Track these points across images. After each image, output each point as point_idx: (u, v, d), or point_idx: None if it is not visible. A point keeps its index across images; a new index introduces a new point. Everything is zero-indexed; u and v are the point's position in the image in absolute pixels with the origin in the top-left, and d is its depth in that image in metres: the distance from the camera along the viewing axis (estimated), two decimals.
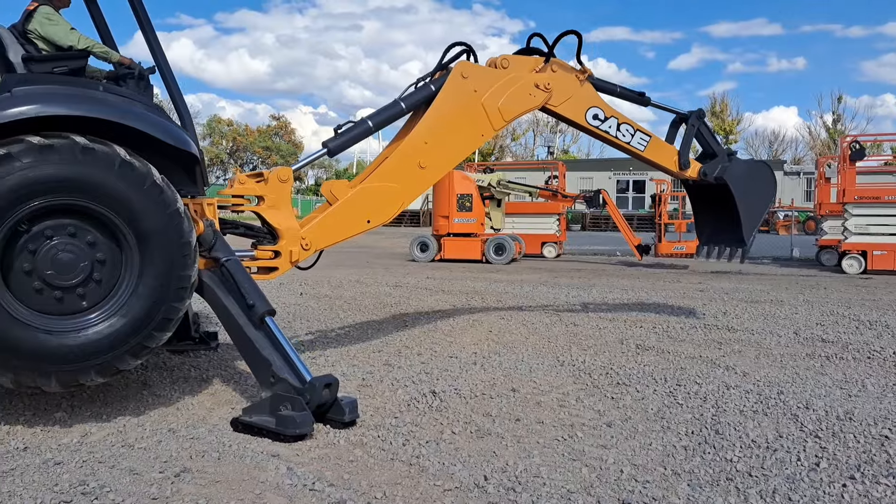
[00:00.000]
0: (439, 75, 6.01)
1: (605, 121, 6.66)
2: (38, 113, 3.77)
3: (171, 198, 4.09)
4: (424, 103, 5.86)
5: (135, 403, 4.66)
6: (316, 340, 6.95)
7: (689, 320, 8.24)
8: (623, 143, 6.83)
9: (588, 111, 6.57)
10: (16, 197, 3.72)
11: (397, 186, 5.66)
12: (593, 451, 3.86)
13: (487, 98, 5.98)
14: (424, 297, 10.42)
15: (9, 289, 3.83)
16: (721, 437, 4.04)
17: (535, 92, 6.23)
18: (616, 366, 5.85)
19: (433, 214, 17.81)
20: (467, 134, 5.98)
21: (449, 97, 5.85)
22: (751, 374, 5.57)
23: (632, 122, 6.87)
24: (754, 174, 7.39)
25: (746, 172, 7.34)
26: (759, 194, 7.37)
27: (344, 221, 5.53)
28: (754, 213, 7.34)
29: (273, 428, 3.97)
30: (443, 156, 5.87)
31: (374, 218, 5.61)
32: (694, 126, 7.24)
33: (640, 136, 6.91)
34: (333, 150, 5.60)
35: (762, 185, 7.39)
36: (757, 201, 7.35)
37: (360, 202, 5.56)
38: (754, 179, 7.33)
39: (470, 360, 6.07)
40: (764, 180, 7.44)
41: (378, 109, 5.85)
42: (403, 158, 5.71)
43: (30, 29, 4.42)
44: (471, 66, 6.01)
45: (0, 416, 4.29)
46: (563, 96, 6.41)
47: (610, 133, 6.72)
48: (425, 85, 5.90)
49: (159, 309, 4.08)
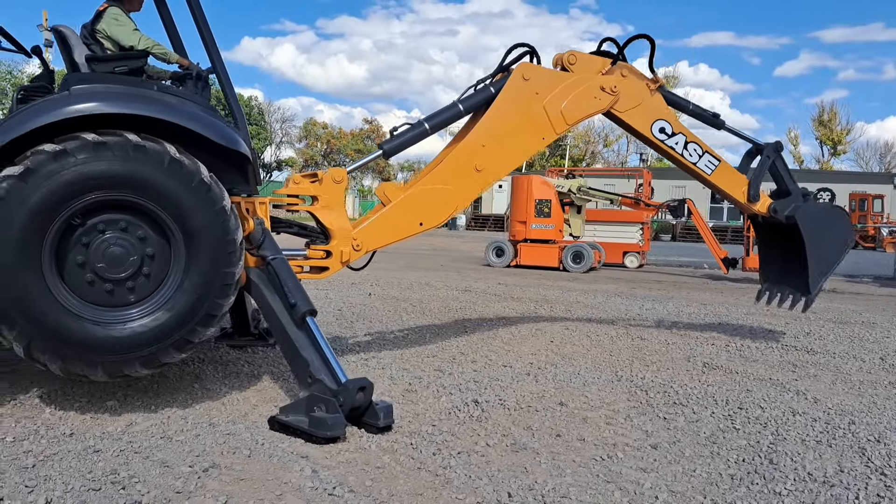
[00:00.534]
0: (500, 77, 5.89)
1: (672, 136, 6.37)
2: (92, 111, 3.91)
3: (219, 195, 4.16)
4: (483, 105, 5.76)
5: (184, 396, 4.76)
6: (373, 342, 6.96)
7: (767, 339, 7.79)
8: (689, 163, 6.50)
9: (655, 123, 6.30)
10: (70, 191, 3.86)
11: (452, 189, 5.59)
12: (631, 473, 3.66)
13: (549, 101, 5.83)
14: (492, 303, 10.30)
15: (63, 280, 3.98)
16: (774, 468, 3.75)
17: (600, 95, 6.02)
18: (677, 384, 5.57)
19: (510, 219, 17.64)
20: (527, 137, 5.85)
21: (509, 99, 5.73)
22: (822, 400, 5.18)
23: (701, 141, 6.53)
24: (829, 219, 6.84)
25: (821, 216, 6.81)
26: (833, 241, 6.79)
27: (396, 223, 5.50)
28: (825, 260, 6.77)
29: (306, 429, 3.97)
30: (500, 159, 5.75)
31: (426, 220, 5.55)
32: (769, 158, 6.80)
33: (709, 158, 6.56)
34: (389, 151, 5.59)
35: (837, 232, 6.82)
36: (829, 248, 6.77)
37: (414, 204, 5.52)
38: (829, 225, 6.77)
39: (524, 370, 5.92)
40: (840, 227, 6.86)
41: (436, 111, 5.78)
42: (459, 161, 5.64)
43: (98, 29, 4.60)
44: (533, 68, 5.87)
45: (57, 401, 4.47)
46: (630, 103, 6.17)
47: (676, 150, 6.41)
48: (485, 87, 5.81)
49: (203, 304, 4.15)
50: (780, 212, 6.76)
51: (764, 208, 6.80)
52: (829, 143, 71.33)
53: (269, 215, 5.05)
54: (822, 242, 6.70)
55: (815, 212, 6.82)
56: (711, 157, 6.57)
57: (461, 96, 5.81)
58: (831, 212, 7.01)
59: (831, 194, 49.66)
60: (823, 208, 7.03)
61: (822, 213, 6.87)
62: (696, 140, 6.50)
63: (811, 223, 6.67)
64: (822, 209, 6.96)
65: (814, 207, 6.84)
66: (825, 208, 7.05)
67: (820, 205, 7.02)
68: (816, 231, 6.68)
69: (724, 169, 6.66)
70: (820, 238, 6.69)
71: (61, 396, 4.57)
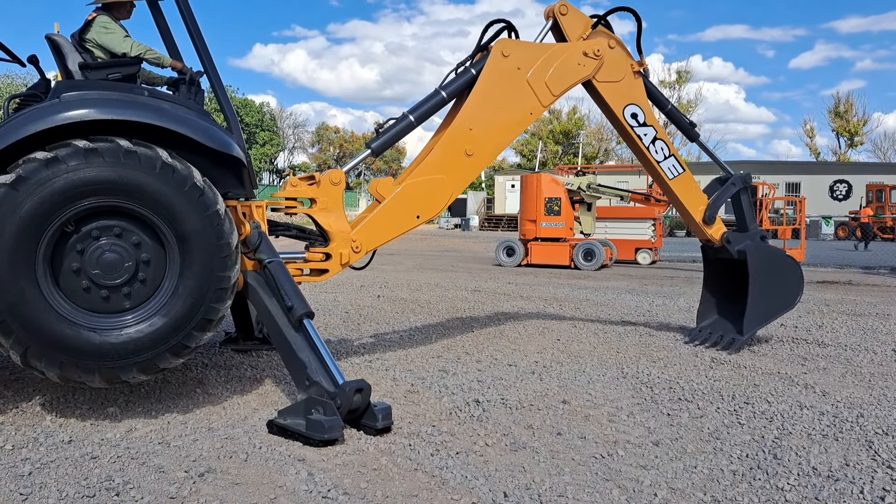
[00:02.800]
0: (479, 57, 5.78)
1: (643, 126, 6.24)
2: (83, 118, 3.91)
3: (212, 199, 4.15)
4: (466, 89, 5.65)
5: (185, 401, 4.76)
6: (378, 343, 6.93)
7: (777, 333, 7.68)
8: (652, 160, 6.36)
9: (629, 106, 6.17)
10: (63, 198, 3.86)
11: (445, 178, 5.52)
12: (631, 471, 3.60)
13: (533, 74, 5.72)
14: (501, 302, 10.24)
15: (58, 287, 3.99)
16: (778, 463, 3.68)
17: (583, 61, 5.91)
18: (683, 380, 5.50)
19: (520, 218, 17.56)
20: (514, 114, 5.74)
21: (491, 78, 5.62)
22: (831, 393, 5.10)
23: (671, 144, 6.39)
24: (783, 269, 6.62)
25: (775, 262, 6.62)
26: (780, 293, 6.57)
27: (393, 219, 5.44)
28: (766, 307, 6.55)
29: (303, 432, 3.94)
30: (490, 141, 5.65)
31: (423, 213, 5.49)
32: (734, 186, 6.64)
33: (674, 162, 6.41)
34: (376, 149, 5.55)
35: (787, 286, 6.59)
36: (774, 297, 6.55)
37: (408, 198, 5.45)
38: (781, 275, 6.56)
39: (528, 369, 5.87)
40: (791, 281, 6.62)
41: (419, 102, 5.69)
42: (448, 148, 5.55)
43: (87, 38, 4.62)
44: (511, 43, 5.75)
45: (58, 408, 4.48)
46: (611, 75, 6.04)
47: (643, 142, 6.28)
48: (465, 69, 5.70)
49: (199, 309, 4.14)
50: (734, 244, 6.57)
51: (717, 235, 6.62)
52: (845, 134, 70.57)
53: (267, 218, 5.04)
54: (768, 288, 6.48)
55: (770, 255, 6.62)
56: (677, 162, 6.42)
57: (442, 82, 5.71)
58: (786, 261, 6.78)
59: (846, 186, 49.13)
60: (779, 254, 6.83)
61: (776, 259, 6.67)
62: (667, 140, 6.36)
63: (762, 264, 6.48)
64: (777, 254, 6.77)
65: (769, 249, 6.64)
66: (781, 255, 6.85)
67: (777, 250, 6.82)
68: (766, 274, 6.47)
69: (686, 179, 6.51)
70: (767, 283, 6.47)
71: (63, 404, 4.58)
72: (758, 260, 6.48)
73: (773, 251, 6.75)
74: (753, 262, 6.44)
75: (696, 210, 6.56)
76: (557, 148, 74.70)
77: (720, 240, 6.63)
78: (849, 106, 70.17)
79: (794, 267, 6.76)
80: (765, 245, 6.63)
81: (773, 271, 6.55)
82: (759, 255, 6.51)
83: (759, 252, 6.53)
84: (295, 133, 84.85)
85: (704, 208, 6.54)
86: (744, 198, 6.71)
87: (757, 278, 6.43)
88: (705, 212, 6.53)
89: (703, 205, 6.56)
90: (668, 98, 6.54)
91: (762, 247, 6.60)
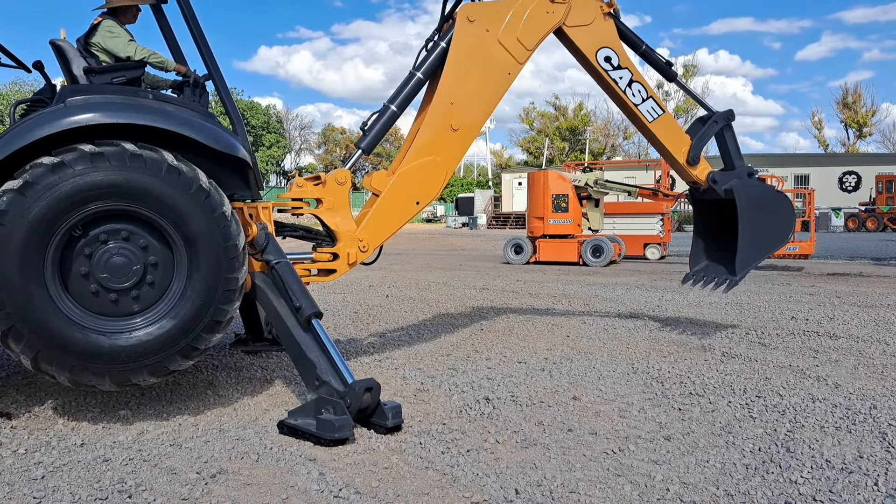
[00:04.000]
0: (446, 27, 5.69)
1: (618, 69, 6.07)
2: (88, 122, 3.93)
3: (218, 201, 4.15)
4: (440, 64, 5.57)
5: (196, 402, 4.77)
6: (387, 343, 6.93)
7: (788, 326, 7.64)
8: (630, 103, 6.15)
9: (601, 50, 6.02)
10: (70, 203, 3.87)
11: (437, 158, 5.46)
12: (642, 466, 3.58)
13: (503, 33, 5.63)
14: (510, 300, 10.23)
15: (67, 291, 4.00)
16: (791, 456, 3.66)
17: (551, 7, 5.78)
18: (694, 374, 5.47)
19: (527, 216, 17.54)
20: (493, 78, 5.65)
21: (461, 47, 5.54)
22: (844, 385, 5.06)
23: (648, 85, 6.19)
24: (772, 203, 6.42)
25: (764, 197, 6.42)
26: (772, 227, 6.38)
27: (394, 211, 5.41)
28: (758, 244, 6.35)
29: (314, 431, 3.94)
30: (474, 111, 5.58)
31: (422, 198, 5.45)
32: (717, 124, 6.43)
33: (653, 104, 6.21)
34: (367, 147, 5.53)
35: (778, 219, 6.41)
36: (766, 233, 6.34)
37: (404, 186, 5.41)
38: (771, 209, 6.35)
39: (538, 365, 5.86)
40: (782, 214, 6.44)
41: (396, 89, 5.64)
42: (433, 127, 5.48)
43: (92, 42, 4.63)
44: (475, 7, 5.65)
45: (70, 412, 4.50)
46: (580, 18, 5.91)
47: (619, 85, 6.08)
48: (435, 44, 5.62)
49: (207, 311, 4.15)
50: (720, 183, 6.39)
51: (703, 175, 6.45)
52: (854, 125, 70.22)
53: (274, 220, 5.05)
54: (759, 224, 6.29)
55: (758, 191, 6.43)
56: (656, 104, 6.24)
57: (415, 63, 5.65)
58: (776, 196, 6.60)
59: (856, 178, 48.85)
60: (768, 189, 6.64)
61: (765, 195, 6.48)
62: (643, 82, 6.17)
63: (751, 201, 6.28)
64: (766, 190, 6.58)
65: (757, 185, 6.45)
66: (770, 190, 6.64)
67: (765, 185, 6.60)
68: (755, 211, 6.27)
69: (667, 120, 6.32)
70: (757, 220, 6.28)
71: (75, 407, 4.59)
72: (746, 197, 6.27)
73: (761, 186, 6.54)
74: (741, 200, 6.25)
75: (680, 151, 6.39)
76: (564, 144, 74.59)
77: (706, 180, 6.46)
78: (857, 97, 69.87)
79: (784, 201, 6.58)
80: (753, 181, 6.42)
81: (763, 207, 6.36)
82: (747, 192, 6.31)
83: (747, 189, 6.33)
84: (301, 134, 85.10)
85: (688, 149, 6.37)
86: (728, 135, 6.50)
87: (746, 216, 6.24)
88: (688, 152, 6.37)
89: (686, 145, 6.38)
90: (641, 38, 6.33)
91: (750, 183, 6.38)
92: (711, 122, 6.45)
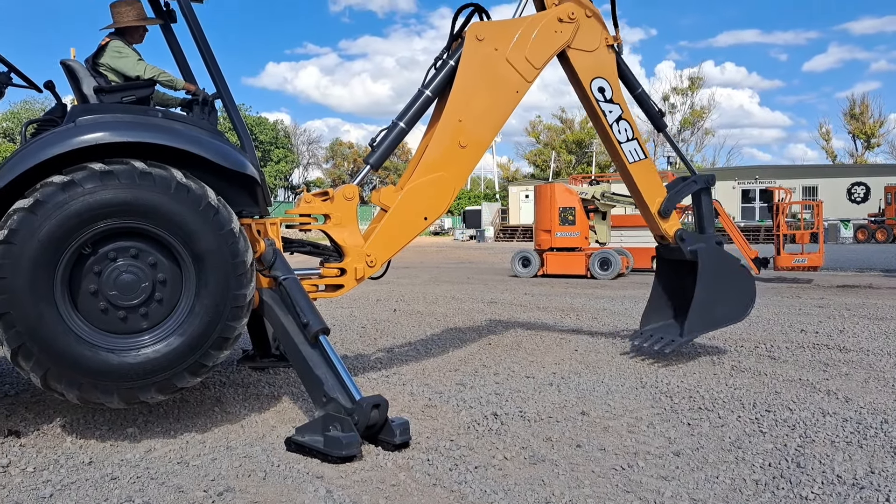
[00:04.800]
0: (455, 46, 5.74)
1: (609, 103, 6.08)
2: (98, 141, 3.96)
3: (227, 218, 4.17)
4: (449, 82, 5.62)
5: (203, 420, 4.77)
6: (395, 358, 6.92)
7: (798, 339, 7.60)
8: (614, 140, 6.15)
9: (597, 79, 6.04)
10: (80, 221, 3.90)
11: (445, 174, 5.50)
12: (651, 482, 3.56)
13: (511, 52, 5.67)
14: (517, 314, 10.21)
15: (76, 309, 4.02)
16: (801, 471, 3.63)
17: (559, 27, 5.82)
18: (703, 389, 5.45)
19: (535, 229, 17.52)
20: (501, 96, 5.69)
21: (470, 66, 5.58)
22: (854, 399, 5.02)
23: (636, 127, 6.20)
24: (735, 276, 6.29)
25: (727, 268, 6.29)
26: (727, 299, 6.21)
27: (402, 227, 5.44)
28: (711, 313, 6.18)
29: (321, 448, 3.94)
30: (482, 128, 5.62)
31: (430, 213, 5.48)
32: (696, 184, 6.40)
33: (637, 146, 6.21)
34: (375, 163, 5.57)
35: (736, 293, 6.26)
36: (722, 303, 6.19)
37: (413, 202, 5.44)
38: (732, 281, 6.24)
39: (546, 380, 5.84)
40: (742, 289, 6.30)
41: (405, 106, 5.68)
42: (442, 144, 5.52)
43: (101, 62, 4.68)
44: (484, 26, 5.71)
45: (78, 429, 4.51)
46: (584, 43, 5.94)
47: (606, 119, 6.10)
48: (444, 62, 5.67)
49: (215, 328, 4.16)
50: (687, 242, 6.28)
51: (671, 231, 6.40)
52: (861, 136, 70.06)
53: (282, 235, 5.06)
54: (717, 292, 6.16)
55: (724, 261, 6.31)
56: (640, 147, 6.22)
57: (424, 81, 5.70)
58: (740, 270, 6.41)
59: (864, 189, 48.64)
60: (733, 262, 6.43)
61: (730, 266, 6.34)
62: (632, 122, 6.16)
63: (714, 268, 6.17)
64: (732, 262, 6.40)
65: (724, 255, 6.32)
66: (735, 263, 6.44)
67: (731, 257, 6.42)
68: (716, 278, 6.17)
69: (647, 166, 6.31)
70: (717, 287, 6.16)
71: (83, 425, 4.60)
72: (709, 262, 6.17)
73: (727, 257, 6.40)
74: (704, 264, 6.15)
75: (653, 201, 6.35)
76: (571, 157, 74.67)
77: (674, 237, 6.40)
78: (864, 108, 69.80)
79: (747, 278, 6.45)
80: (720, 250, 6.33)
81: (724, 277, 6.25)
82: (712, 259, 6.22)
83: (713, 255, 6.24)
84: (309, 149, 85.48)
85: (662, 199, 6.33)
86: (704, 199, 6.47)
87: (706, 281, 6.12)
88: (662, 203, 6.32)
89: (661, 196, 6.34)
90: (639, 81, 6.36)
91: (716, 250, 6.29)
92: (691, 181, 6.45)
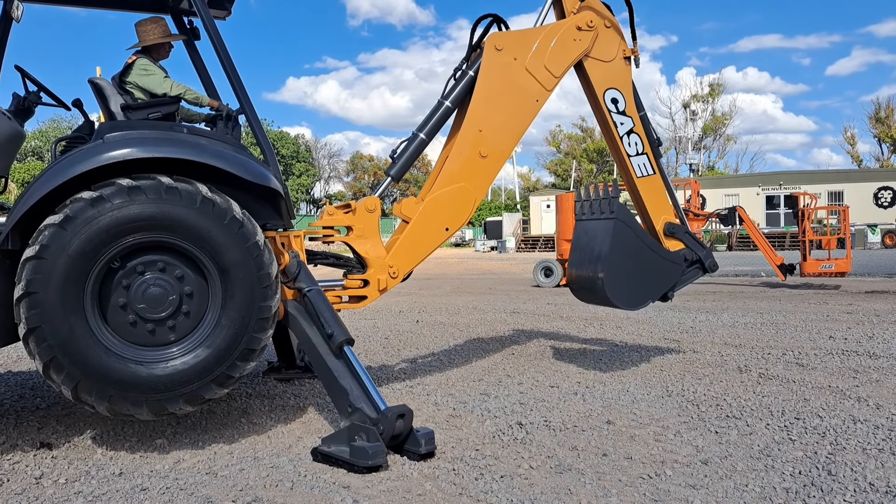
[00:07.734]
0: (474, 57, 5.76)
1: (621, 114, 6.01)
2: (126, 157, 4.04)
3: (251, 231, 4.23)
4: (468, 92, 5.64)
5: (230, 431, 4.81)
6: (418, 368, 6.94)
7: (826, 345, 7.49)
8: (623, 152, 6.06)
9: (611, 90, 5.97)
10: (108, 236, 3.97)
11: (466, 185, 5.51)
12: (679, 491, 3.53)
13: (531, 61, 5.66)
14: (540, 323, 10.18)
15: (105, 322, 4.09)
16: (833, 479, 3.58)
17: (578, 35, 5.79)
18: (730, 397, 5.39)
19: (557, 238, 17.47)
20: (521, 106, 5.69)
21: (489, 76, 5.59)
22: (885, 406, 4.95)
23: (647, 142, 6.12)
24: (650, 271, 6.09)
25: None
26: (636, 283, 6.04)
27: (424, 238, 5.46)
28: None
29: (347, 459, 3.95)
30: (502, 138, 5.62)
31: (452, 224, 5.50)
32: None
33: (646, 161, 6.12)
34: (396, 175, 5.60)
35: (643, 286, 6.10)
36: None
37: (434, 213, 5.46)
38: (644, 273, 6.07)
39: (571, 389, 5.82)
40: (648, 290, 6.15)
41: (425, 117, 5.71)
42: (462, 154, 5.53)
43: (127, 80, 4.78)
44: (502, 36, 5.71)
45: (108, 441, 4.57)
46: (601, 53, 5.90)
47: (617, 130, 6.01)
48: (463, 73, 5.69)
49: (242, 340, 4.20)
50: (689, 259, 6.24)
51: (673, 251, 6.22)
52: (887, 140, 69.10)
53: (305, 248, 5.11)
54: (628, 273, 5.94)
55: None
56: (649, 163, 6.14)
57: (444, 92, 5.72)
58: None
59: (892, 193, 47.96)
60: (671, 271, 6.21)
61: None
62: (643, 136, 6.09)
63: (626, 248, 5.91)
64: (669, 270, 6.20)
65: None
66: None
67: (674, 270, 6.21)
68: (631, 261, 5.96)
69: (654, 182, 6.19)
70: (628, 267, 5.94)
71: (112, 437, 4.66)
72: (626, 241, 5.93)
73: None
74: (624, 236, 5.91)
75: (658, 218, 6.24)
76: (592, 166, 74.42)
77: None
78: (890, 111, 68.83)
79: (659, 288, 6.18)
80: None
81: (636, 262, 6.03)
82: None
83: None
84: (330, 163, 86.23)
85: (667, 219, 6.22)
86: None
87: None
88: (666, 225, 6.20)
89: (667, 214, 6.24)
90: (643, 105, 6.26)
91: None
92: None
